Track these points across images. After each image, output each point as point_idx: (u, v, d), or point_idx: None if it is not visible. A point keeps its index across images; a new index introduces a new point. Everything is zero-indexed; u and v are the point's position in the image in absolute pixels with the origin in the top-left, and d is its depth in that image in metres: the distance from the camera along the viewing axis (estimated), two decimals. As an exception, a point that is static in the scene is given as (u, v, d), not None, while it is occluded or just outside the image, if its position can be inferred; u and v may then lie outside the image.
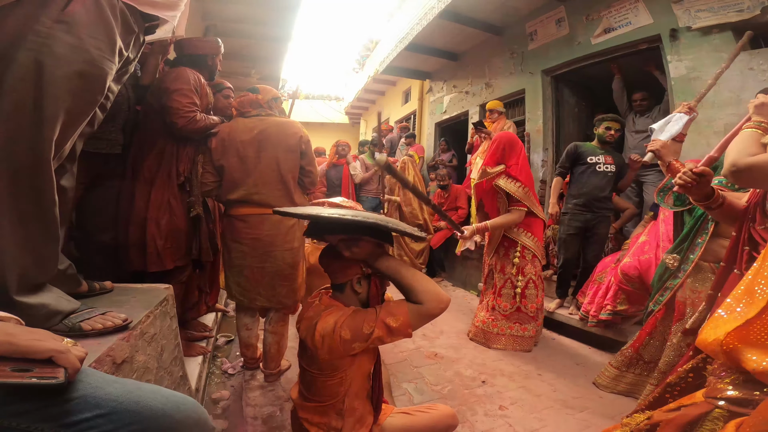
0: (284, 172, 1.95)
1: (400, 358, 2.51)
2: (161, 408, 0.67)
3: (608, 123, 3.01)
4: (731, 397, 0.68)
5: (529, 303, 2.74)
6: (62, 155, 0.97)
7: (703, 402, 0.73)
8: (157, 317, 1.19)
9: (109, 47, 0.98)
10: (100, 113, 1.17)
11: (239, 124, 1.96)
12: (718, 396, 0.70)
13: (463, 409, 1.93)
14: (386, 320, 1.25)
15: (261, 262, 1.95)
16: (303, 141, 2.01)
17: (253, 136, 1.92)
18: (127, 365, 0.99)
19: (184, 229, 1.91)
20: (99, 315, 1.01)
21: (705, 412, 0.71)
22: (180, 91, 1.77)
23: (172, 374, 1.30)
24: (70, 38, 0.89)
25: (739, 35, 2.82)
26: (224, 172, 1.93)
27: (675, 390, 0.98)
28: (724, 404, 0.69)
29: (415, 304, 1.28)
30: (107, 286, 1.31)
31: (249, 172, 1.91)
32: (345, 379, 1.36)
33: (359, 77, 9.81)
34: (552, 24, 4.34)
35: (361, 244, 1.32)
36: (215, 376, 2.20)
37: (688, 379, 0.93)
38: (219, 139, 1.92)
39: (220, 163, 1.92)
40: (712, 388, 0.73)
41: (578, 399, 2.06)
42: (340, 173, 4.95)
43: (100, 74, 0.95)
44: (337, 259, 1.38)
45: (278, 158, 1.94)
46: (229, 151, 1.90)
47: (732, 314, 0.71)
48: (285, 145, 1.96)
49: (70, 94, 0.90)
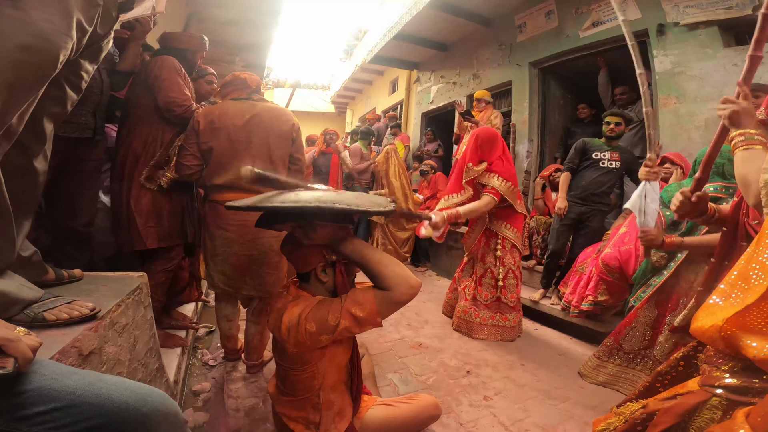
0: (275, 159, 1.91)
1: (385, 348, 2.50)
2: (125, 401, 0.64)
3: (608, 118, 3.01)
4: (730, 385, 0.67)
5: (509, 293, 2.76)
6: (12, 132, 0.90)
7: (700, 390, 0.72)
8: (129, 306, 1.13)
9: (64, 20, 0.92)
10: (73, 93, 1.12)
11: (230, 107, 1.89)
12: (716, 384, 0.69)
13: (448, 399, 1.92)
14: (352, 310, 1.19)
15: (248, 249, 1.89)
16: (295, 129, 1.98)
17: (245, 120, 1.86)
18: (95, 357, 0.93)
19: (168, 209, 1.90)
20: (65, 304, 0.95)
21: (702, 400, 0.70)
22: (174, 81, 1.82)
23: (147, 366, 1.24)
24: (15, 12, 0.84)
25: (725, 32, 2.87)
26: (211, 156, 1.86)
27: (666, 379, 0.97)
28: (723, 392, 0.68)
29: (382, 290, 1.21)
30: (76, 275, 1.24)
31: (238, 156, 1.84)
32: (317, 373, 1.31)
33: (346, 66, 9.69)
34: (541, 16, 4.34)
35: (317, 230, 1.24)
36: (195, 367, 2.15)
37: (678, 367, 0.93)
38: (208, 121, 1.85)
39: (208, 145, 1.85)
40: (708, 376, 0.72)
41: (560, 389, 2.08)
42: (328, 161, 4.92)
43: (50, 48, 0.90)
44: (298, 247, 1.30)
45: (270, 144, 1.89)
46: (220, 134, 1.84)
47: (728, 300, 0.70)
48: (278, 131, 1.91)
49: (13, 68, 0.84)
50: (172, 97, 1.82)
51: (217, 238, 1.90)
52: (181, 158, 1.88)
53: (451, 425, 1.72)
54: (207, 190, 1.96)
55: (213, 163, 1.87)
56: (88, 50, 1.08)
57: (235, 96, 1.95)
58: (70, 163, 1.63)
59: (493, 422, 1.76)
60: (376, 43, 6.48)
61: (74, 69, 1.09)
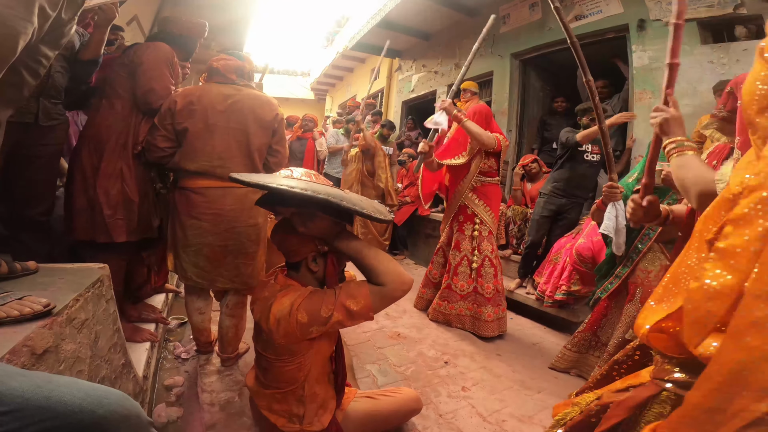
0: (252, 148, 1.81)
1: (363, 339, 2.48)
2: (78, 403, 0.61)
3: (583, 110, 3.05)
4: (679, 380, 0.67)
5: (486, 283, 2.67)
6: None
7: (651, 383, 0.72)
8: (88, 300, 1.05)
9: (23, 5, 0.87)
10: (30, 79, 1.07)
11: (213, 89, 1.78)
12: (666, 378, 0.69)
13: (427, 390, 1.93)
14: (346, 303, 1.18)
15: (223, 239, 1.80)
16: (278, 120, 1.88)
17: (226, 105, 1.76)
18: (51, 355, 0.87)
19: (137, 200, 1.77)
20: (15, 300, 0.88)
21: (653, 394, 0.70)
22: (160, 72, 1.73)
23: (111, 363, 1.18)
24: None
25: (704, 30, 2.93)
26: (186, 138, 1.75)
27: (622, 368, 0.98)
28: (672, 387, 0.68)
29: (376, 285, 1.22)
30: (30, 267, 1.15)
31: (214, 142, 1.75)
32: (303, 365, 1.29)
33: (327, 53, 9.50)
34: (525, 8, 4.35)
35: (316, 221, 1.24)
36: (167, 361, 2.07)
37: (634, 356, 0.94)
38: (186, 102, 1.73)
39: (183, 126, 1.73)
40: (660, 368, 0.72)
41: (535, 380, 2.12)
42: (303, 146, 4.85)
43: (9, 33, 0.86)
44: (290, 235, 1.29)
45: (248, 132, 1.79)
46: (196, 116, 1.73)
47: (660, 305, 0.71)
48: (259, 120, 1.81)
49: None
50: (151, 86, 1.71)
51: (188, 228, 1.79)
52: (153, 138, 1.75)
53: (430, 416, 1.73)
54: (178, 175, 1.85)
55: (187, 147, 1.75)
56: (49, 35, 1.03)
57: (220, 80, 1.83)
58: (22, 149, 1.51)
59: (471, 413, 1.78)
60: (358, 30, 6.37)
61: (33, 55, 1.04)
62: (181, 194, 1.80)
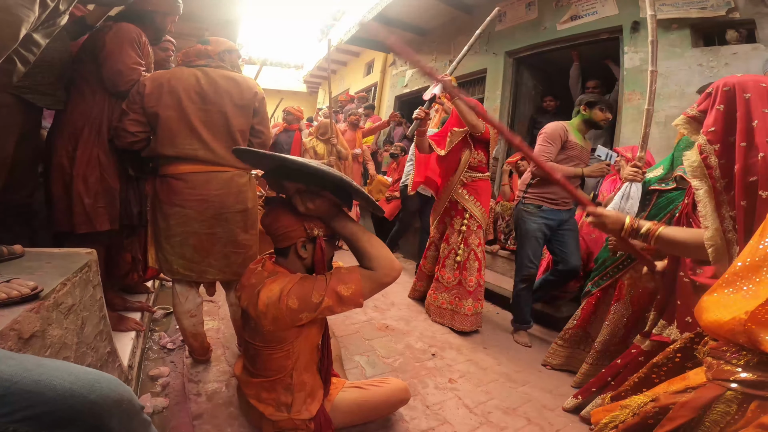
0: (234, 129, 1.73)
1: (352, 330, 2.49)
2: (69, 387, 0.59)
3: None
4: (746, 380, 0.68)
5: (469, 276, 2.67)
6: None
7: (713, 384, 0.73)
8: (76, 285, 1.04)
9: None
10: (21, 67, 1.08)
11: (183, 72, 1.70)
12: (730, 378, 0.70)
13: (414, 382, 1.95)
14: (337, 288, 1.19)
15: (210, 227, 1.71)
16: (258, 98, 1.80)
17: (197, 86, 1.68)
18: (37, 340, 0.85)
19: (117, 188, 1.72)
20: (2, 283, 0.87)
21: (718, 394, 0.71)
22: (125, 53, 1.63)
23: (96, 350, 1.16)
24: None
25: (695, 32, 2.97)
26: (158, 123, 1.66)
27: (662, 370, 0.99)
28: (738, 387, 0.69)
29: (367, 270, 1.25)
30: (16, 251, 1.13)
31: (190, 124, 1.67)
32: (292, 352, 1.29)
33: (321, 46, 9.41)
34: (522, 7, 4.36)
35: (320, 200, 1.25)
36: (153, 351, 2.05)
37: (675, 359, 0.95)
38: (156, 84, 1.65)
39: (154, 110, 1.64)
40: (719, 370, 0.72)
41: (520, 373, 2.16)
42: (290, 138, 4.78)
43: (12, 20, 0.88)
44: (283, 216, 1.29)
45: (227, 113, 1.71)
46: (166, 99, 1.65)
47: (740, 293, 0.68)
48: (237, 100, 1.74)
49: None
50: (117, 68, 1.63)
51: (172, 217, 1.69)
52: (121, 123, 1.65)
53: (417, 407, 1.75)
54: (157, 162, 1.77)
55: (162, 132, 1.67)
56: (44, 25, 1.05)
57: (190, 62, 1.76)
58: None
59: (457, 404, 1.80)
60: (354, 24, 6.34)
61: (27, 43, 1.06)
62: (162, 182, 1.71)
